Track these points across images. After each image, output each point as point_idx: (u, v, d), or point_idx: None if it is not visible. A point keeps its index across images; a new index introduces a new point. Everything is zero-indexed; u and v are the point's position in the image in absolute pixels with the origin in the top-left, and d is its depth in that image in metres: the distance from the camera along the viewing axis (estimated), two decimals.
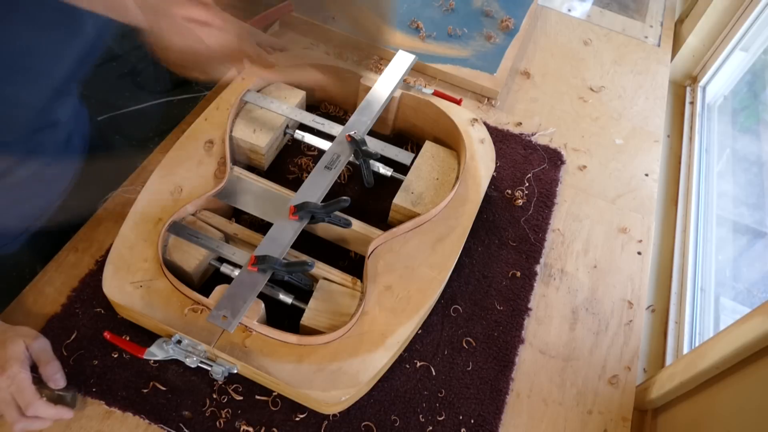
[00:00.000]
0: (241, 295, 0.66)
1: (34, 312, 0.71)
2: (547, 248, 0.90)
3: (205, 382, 0.69)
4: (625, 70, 1.23)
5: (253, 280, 0.67)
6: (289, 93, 0.92)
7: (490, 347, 0.77)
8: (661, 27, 1.37)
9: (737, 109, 1.28)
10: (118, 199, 0.83)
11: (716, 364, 0.65)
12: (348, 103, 0.99)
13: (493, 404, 0.73)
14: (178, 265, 0.72)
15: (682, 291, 0.96)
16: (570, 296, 0.85)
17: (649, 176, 1.04)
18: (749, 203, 1.13)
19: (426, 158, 0.88)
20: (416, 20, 1.17)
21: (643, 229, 0.96)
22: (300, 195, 0.77)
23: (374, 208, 0.88)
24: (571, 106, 1.12)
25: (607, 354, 0.80)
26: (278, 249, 0.71)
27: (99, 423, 0.65)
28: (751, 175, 1.18)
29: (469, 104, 1.08)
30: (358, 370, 0.66)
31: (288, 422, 0.67)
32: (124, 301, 0.67)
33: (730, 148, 1.21)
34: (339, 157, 0.82)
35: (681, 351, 0.88)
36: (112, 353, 0.69)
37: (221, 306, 0.65)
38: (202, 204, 0.78)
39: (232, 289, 0.66)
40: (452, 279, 0.81)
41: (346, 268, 0.75)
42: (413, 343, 0.76)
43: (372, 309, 0.71)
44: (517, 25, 1.21)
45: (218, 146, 0.83)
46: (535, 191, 0.95)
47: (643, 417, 0.79)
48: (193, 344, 0.66)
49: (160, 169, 0.79)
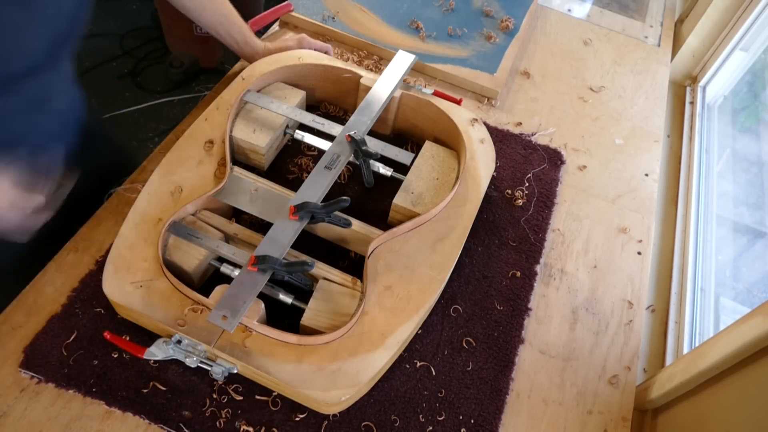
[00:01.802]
0: (241, 295, 0.66)
1: (34, 312, 0.71)
2: (547, 248, 0.90)
3: (205, 382, 0.69)
4: (625, 70, 1.23)
5: (253, 280, 0.67)
6: (289, 93, 0.92)
7: (490, 347, 0.77)
8: (661, 27, 1.37)
9: (737, 109, 1.28)
10: (118, 199, 0.83)
11: (716, 364, 0.65)
12: (348, 102, 0.99)
13: (493, 404, 0.73)
14: (178, 265, 0.72)
15: (682, 291, 0.96)
16: (570, 296, 0.85)
17: (649, 176, 1.04)
18: (749, 203, 1.13)
19: (426, 158, 0.88)
20: (416, 20, 1.17)
21: (643, 229, 0.96)
22: (300, 195, 0.77)
23: (374, 208, 0.87)
24: (571, 106, 1.12)
25: (607, 354, 0.80)
26: (278, 249, 0.71)
27: (99, 423, 0.65)
28: (751, 175, 1.18)
29: (469, 104, 1.08)
30: (358, 370, 0.66)
31: (288, 422, 0.67)
32: (124, 301, 0.67)
33: (730, 148, 1.21)
34: (339, 157, 0.82)
35: (681, 351, 0.88)
36: (112, 353, 0.69)
37: (221, 306, 0.65)
38: (202, 204, 0.78)
39: (232, 289, 0.66)
40: (452, 279, 0.81)
41: (346, 268, 0.75)
42: (413, 343, 0.76)
43: (372, 309, 0.71)
44: (517, 25, 1.21)
45: (218, 146, 0.83)
46: (535, 191, 0.95)
47: (643, 417, 0.79)
48: (193, 344, 0.66)
49: (160, 169, 0.79)
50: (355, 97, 0.96)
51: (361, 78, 0.93)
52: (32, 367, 0.67)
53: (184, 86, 2.23)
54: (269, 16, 1.10)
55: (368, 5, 1.19)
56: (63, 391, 0.66)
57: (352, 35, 1.12)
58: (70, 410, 0.65)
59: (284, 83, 0.94)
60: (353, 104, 0.98)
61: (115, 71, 2.25)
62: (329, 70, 0.95)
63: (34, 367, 0.67)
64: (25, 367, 0.67)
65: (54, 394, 0.66)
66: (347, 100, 0.99)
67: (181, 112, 2.12)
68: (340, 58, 1.09)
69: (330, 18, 1.14)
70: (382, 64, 1.09)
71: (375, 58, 1.11)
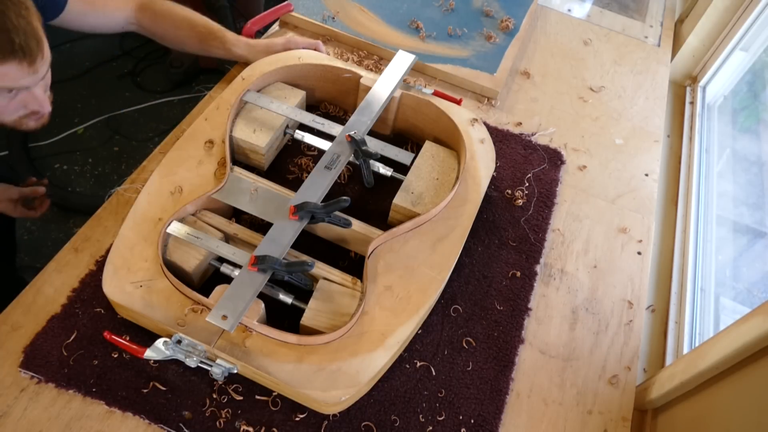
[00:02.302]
0: (241, 295, 0.66)
1: (34, 312, 0.71)
2: (547, 248, 0.90)
3: (205, 382, 0.69)
4: (625, 70, 1.23)
5: (253, 280, 0.67)
6: (289, 93, 0.92)
7: (490, 347, 0.77)
8: (661, 27, 1.37)
9: (737, 109, 1.28)
10: (118, 199, 0.83)
11: (716, 364, 0.65)
12: (347, 102, 0.99)
13: (493, 404, 0.73)
14: (178, 265, 0.72)
15: (682, 291, 0.96)
16: (570, 296, 0.85)
17: (649, 176, 1.04)
18: (749, 203, 1.13)
19: (426, 158, 0.88)
20: (416, 20, 1.17)
21: (643, 229, 0.96)
22: (300, 195, 0.77)
23: (374, 208, 0.87)
24: (571, 106, 1.12)
25: (607, 354, 0.80)
26: (278, 249, 0.71)
27: (99, 423, 0.65)
28: (751, 175, 1.18)
29: (469, 104, 1.08)
30: (358, 370, 0.66)
31: (288, 422, 0.67)
32: (124, 301, 0.67)
33: (730, 148, 1.21)
34: (339, 157, 0.82)
35: (681, 351, 0.88)
36: (112, 353, 0.69)
37: (221, 306, 0.65)
38: (202, 204, 0.78)
39: (232, 289, 0.66)
40: (452, 279, 0.81)
41: (346, 268, 0.75)
42: (413, 343, 0.76)
43: (372, 309, 0.71)
44: (517, 25, 1.21)
45: (218, 146, 0.83)
46: (535, 191, 0.95)
47: (643, 417, 0.79)
48: (193, 344, 0.66)
49: (160, 169, 0.79)
50: (355, 97, 0.96)
51: (361, 78, 0.93)
52: (32, 367, 0.67)
53: (184, 86, 2.22)
54: (269, 16, 1.10)
55: (368, 5, 1.19)
56: (63, 391, 0.66)
57: (352, 35, 1.12)
58: (70, 410, 0.65)
59: (284, 83, 0.94)
60: (353, 104, 0.98)
61: (115, 71, 2.24)
62: (329, 70, 0.95)
63: (34, 367, 0.67)
64: (25, 367, 0.67)
65: (54, 394, 0.66)
66: (347, 100, 0.99)
67: (181, 112, 2.12)
68: (340, 58, 1.09)
69: (330, 18, 1.14)
70: (382, 64, 1.09)
71: (375, 58, 1.11)
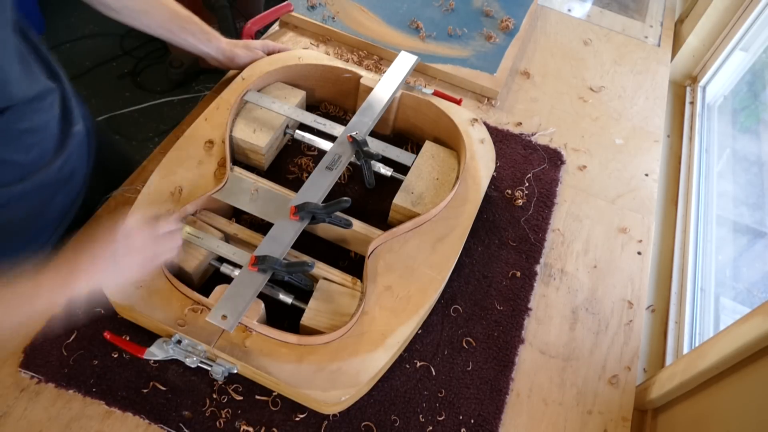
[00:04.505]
0: (241, 295, 0.66)
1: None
2: (547, 248, 0.90)
3: (205, 382, 0.69)
4: (625, 70, 1.23)
5: (253, 280, 0.67)
6: (290, 93, 0.92)
7: (490, 347, 0.77)
8: (661, 27, 1.37)
9: (737, 109, 1.28)
10: (118, 199, 0.83)
11: (716, 364, 0.65)
12: (347, 102, 0.99)
13: (493, 404, 0.73)
14: (178, 265, 0.72)
15: (682, 291, 0.96)
16: (570, 296, 0.85)
17: (649, 176, 1.04)
18: (749, 203, 1.13)
19: (426, 158, 0.88)
20: (416, 20, 1.17)
21: (643, 229, 0.96)
22: (301, 195, 0.77)
23: (374, 208, 0.87)
24: (571, 106, 1.12)
25: (607, 354, 0.80)
26: (278, 249, 0.71)
27: (99, 423, 0.65)
28: (751, 175, 1.18)
29: (469, 104, 1.08)
30: (358, 370, 0.66)
31: (288, 422, 0.67)
32: (124, 301, 0.67)
33: (730, 148, 1.21)
34: (340, 158, 0.82)
35: (681, 351, 0.88)
36: (112, 353, 0.69)
37: (221, 306, 0.65)
38: (202, 204, 0.78)
39: (232, 289, 0.66)
40: (452, 279, 0.81)
41: (346, 268, 0.75)
42: (413, 343, 0.76)
43: (372, 309, 0.71)
44: (517, 25, 1.21)
45: (218, 146, 0.83)
46: (535, 191, 0.95)
47: (643, 417, 0.79)
48: (193, 344, 0.66)
49: (160, 169, 0.79)
50: (355, 97, 0.96)
51: (361, 78, 0.93)
52: (32, 367, 0.67)
53: (184, 86, 2.23)
54: (269, 16, 1.10)
55: (368, 5, 1.19)
56: (63, 391, 0.66)
57: (352, 35, 1.12)
58: (70, 410, 0.65)
59: (284, 83, 0.94)
60: (353, 104, 0.98)
61: (115, 71, 2.25)
62: (329, 70, 0.95)
63: (34, 367, 0.67)
64: (25, 367, 0.67)
65: (54, 394, 0.66)
66: (347, 100, 0.99)
67: (181, 112, 2.12)
68: (340, 58, 1.09)
69: (330, 18, 1.14)
70: (382, 65, 1.09)
71: (375, 58, 1.11)
